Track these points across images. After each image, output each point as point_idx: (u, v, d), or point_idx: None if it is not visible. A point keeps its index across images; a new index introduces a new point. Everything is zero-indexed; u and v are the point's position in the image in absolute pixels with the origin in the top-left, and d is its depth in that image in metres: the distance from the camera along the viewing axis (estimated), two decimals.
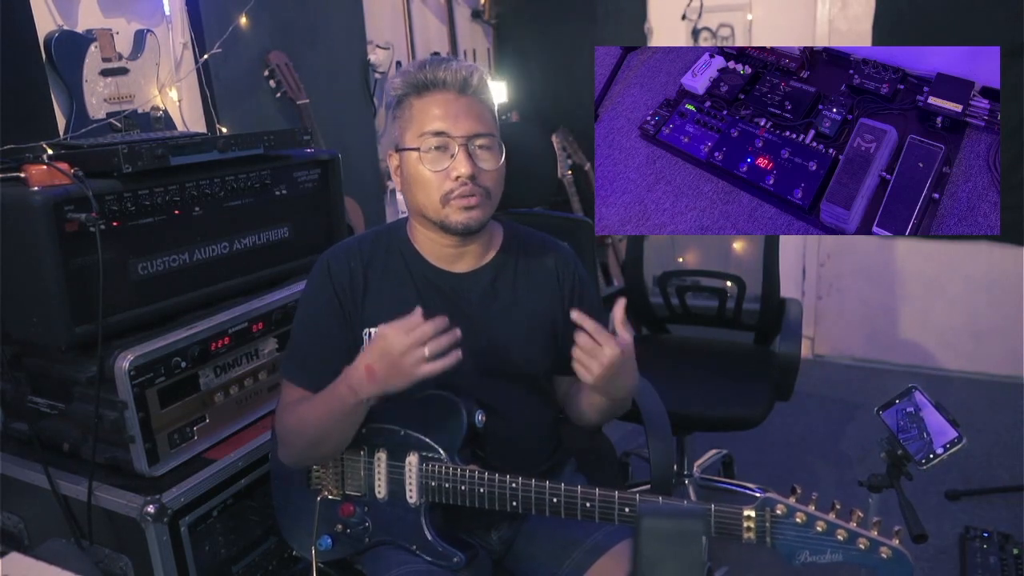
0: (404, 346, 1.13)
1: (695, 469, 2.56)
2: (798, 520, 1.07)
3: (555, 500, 1.20)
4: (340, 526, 1.35)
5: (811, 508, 1.07)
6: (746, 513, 1.10)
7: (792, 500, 1.08)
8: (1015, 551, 2.12)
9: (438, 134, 1.24)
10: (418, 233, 1.36)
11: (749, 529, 1.09)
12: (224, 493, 1.54)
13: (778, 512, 1.08)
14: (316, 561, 1.37)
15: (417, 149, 1.25)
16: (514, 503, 1.23)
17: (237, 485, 1.56)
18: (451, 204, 1.25)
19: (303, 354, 1.37)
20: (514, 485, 1.22)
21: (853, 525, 1.06)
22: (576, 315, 1.17)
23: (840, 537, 1.05)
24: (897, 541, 1.05)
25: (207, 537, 1.51)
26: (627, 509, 1.17)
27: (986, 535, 2.20)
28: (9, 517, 1.64)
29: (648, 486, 1.57)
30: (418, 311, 1.16)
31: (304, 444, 1.29)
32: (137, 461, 1.45)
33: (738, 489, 2.52)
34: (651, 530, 1.16)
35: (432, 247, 1.35)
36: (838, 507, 1.08)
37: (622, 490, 1.18)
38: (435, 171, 1.25)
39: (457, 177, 1.24)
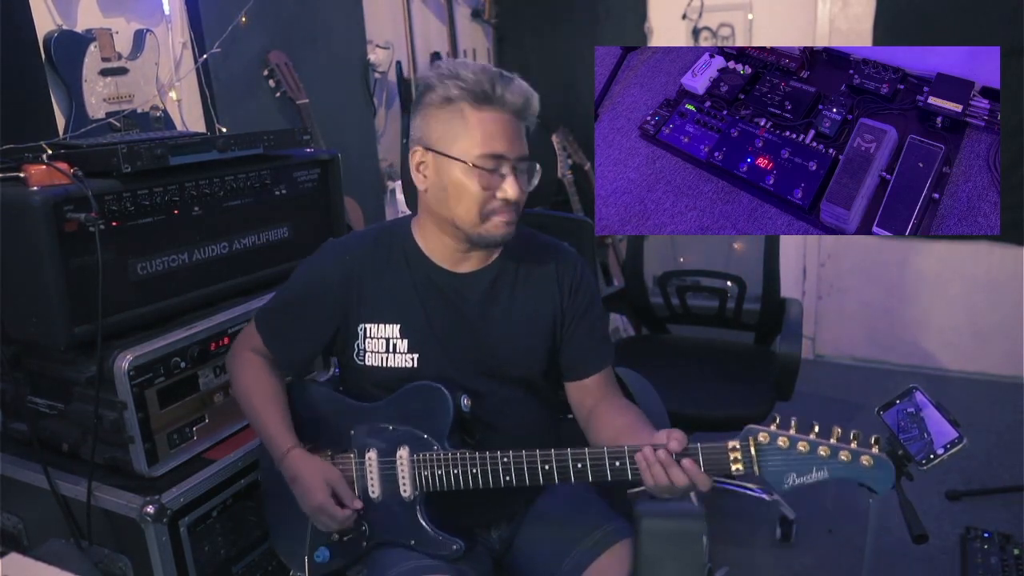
0: (315, 509, 1.29)
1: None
2: (781, 444, 1.09)
3: (547, 467, 1.20)
4: (336, 535, 1.35)
5: (792, 431, 1.10)
6: (731, 445, 1.12)
7: (773, 427, 1.11)
8: (1016, 551, 2.12)
9: (497, 156, 1.24)
10: (426, 232, 1.36)
11: (736, 460, 1.11)
12: (224, 493, 1.54)
13: (761, 439, 1.10)
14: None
15: (468, 163, 1.23)
16: (507, 477, 1.23)
17: (237, 485, 1.56)
18: (491, 221, 1.27)
19: (279, 319, 1.43)
20: (505, 459, 1.22)
21: (833, 441, 1.08)
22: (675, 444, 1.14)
23: (823, 453, 1.08)
24: (876, 448, 1.08)
25: (207, 537, 1.51)
26: (617, 463, 1.17)
27: (987, 535, 2.20)
28: (8, 518, 1.64)
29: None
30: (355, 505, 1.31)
31: (237, 397, 1.46)
32: (136, 461, 1.45)
33: (738, 489, 2.52)
34: (651, 530, 1.16)
35: (438, 247, 1.35)
36: (817, 428, 1.10)
37: (611, 446, 1.18)
38: (485, 189, 1.25)
39: (503, 199, 1.25)
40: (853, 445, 1.08)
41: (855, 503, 2.45)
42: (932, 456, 1.14)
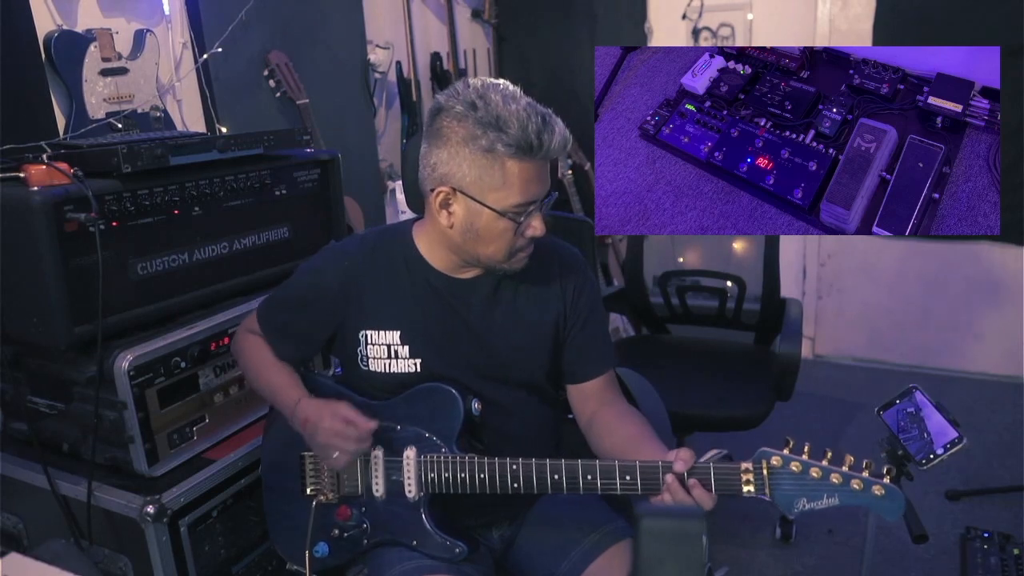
0: (327, 437, 1.26)
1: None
2: (794, 469, 1.10)
3: (556, 477, 1.20)
4: (337, 531, 1.35)
5: (805, 457, 1.10)
6: (744, 466, 1.12)
7: (786, 451, 1.11)
8: (1015, 551, 2.11)
9: (532, 203, 1.23)
10: (431, 242, 1.34)
11: (748, 482, 1.12)
12: (224, 493, 1.54)
13: (774, 463, 1.10)
14: (311, 571, 1.36)
15: (505, 215, 1.21)
16: (515, 484, 1.22)
17: (237, 485, 1.56)
18: (516, 257, 1.28)
19: (279, 313, 1.43)
20: (514, 466, 1.22)
21: (845, 469, 1.09)
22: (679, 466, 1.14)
23: (835, 481, 1.09)
24: (888, 479, 1.08)
25: (207, 537, 1.51)
26: (628, 477, 1.17)
27: (986, 535, 2.20)
28: (9, 518, 1.64)
29: None
30: (370, 426, 1.26)
31: (246, 375, 1.48)
32: (137, 461, 1.45)
33: None
34: (651, 530, 1.15)
35: (441, 257, 1.34)
36: (830, 454, 1.11)
37: (622, 460, 1.18)
38: (515, 233, 1.24)
39: (531, 236, 1.25)
40: (865, 474, 1.09)
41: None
42: (932, 456, 1.14)
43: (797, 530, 2.37)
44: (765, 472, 1.11)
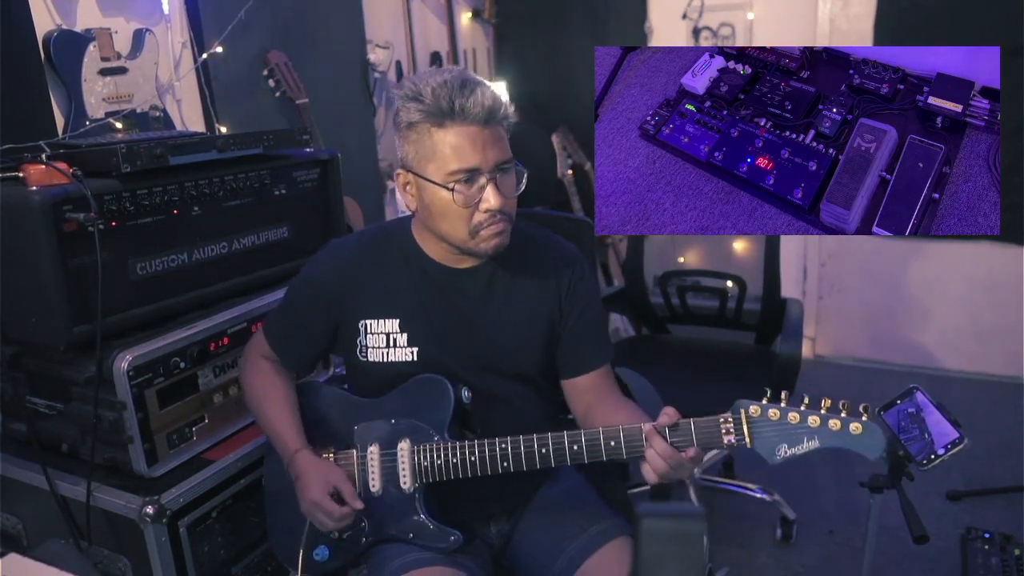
0: (312, 507, 1.29)
1: (695, 469, 2.55)
2: (772, 415, 1.12)
3: (544, 450, 1.22)
4: (336, 533, 1.35)
5: (782, 404, 1.12)
6: (722, 417, 1.14)
7: (764, 401, 1.13)
8: (1016, 552, 2.11)
9: (469, 170, 1.22)
10: (425, 234, 1.36)
11: (728, 432, 1.13)
12: (223, 494, 1.54)
13: (752, 411, 1.12)
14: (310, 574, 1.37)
15: (443, 185, 1.23)
16: (505, 463, 1.24)
17: (236, 486, 1.56)
18: (480, 235, 1.26)
19: (283, 322, 1.46)
20: (503, 445, 1.24)
21: (822, 411, 1.11)
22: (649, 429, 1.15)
23: (813, 423, 1.10)
24: (865, 416, 1.10)
25: (206, 538, 1.51)
26: (612, 442, 1.18)
27: (987, 536, 2.20)
28: (8, 518, 1.64)
29: (648, 486, 1.57)
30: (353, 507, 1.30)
31: (249, 405, 1.49)
32: (136, 462, 1.45)
33: (738, 489, 2.51)
34: (651, 531, 1.15)
35: (436, 248, 1.36)
36: (807, 400, 1.12)
37: (606, 426, 1.20)
38: (466, 206, 1.24)
39: (487, 210, 1.24)
40: (843, 414, 1.11)
41: (855, 503, 2.45)
42: (933, 456, 1.14)
43: (797, 530, 2.37)
44: (744, 421, 1.12)
